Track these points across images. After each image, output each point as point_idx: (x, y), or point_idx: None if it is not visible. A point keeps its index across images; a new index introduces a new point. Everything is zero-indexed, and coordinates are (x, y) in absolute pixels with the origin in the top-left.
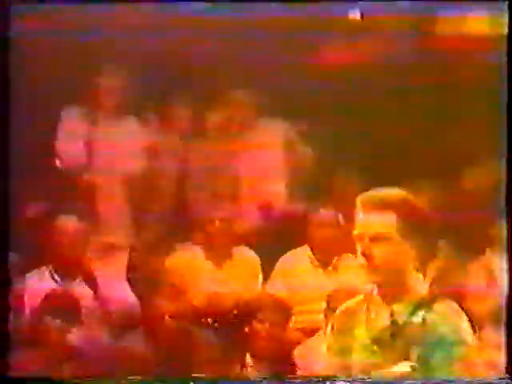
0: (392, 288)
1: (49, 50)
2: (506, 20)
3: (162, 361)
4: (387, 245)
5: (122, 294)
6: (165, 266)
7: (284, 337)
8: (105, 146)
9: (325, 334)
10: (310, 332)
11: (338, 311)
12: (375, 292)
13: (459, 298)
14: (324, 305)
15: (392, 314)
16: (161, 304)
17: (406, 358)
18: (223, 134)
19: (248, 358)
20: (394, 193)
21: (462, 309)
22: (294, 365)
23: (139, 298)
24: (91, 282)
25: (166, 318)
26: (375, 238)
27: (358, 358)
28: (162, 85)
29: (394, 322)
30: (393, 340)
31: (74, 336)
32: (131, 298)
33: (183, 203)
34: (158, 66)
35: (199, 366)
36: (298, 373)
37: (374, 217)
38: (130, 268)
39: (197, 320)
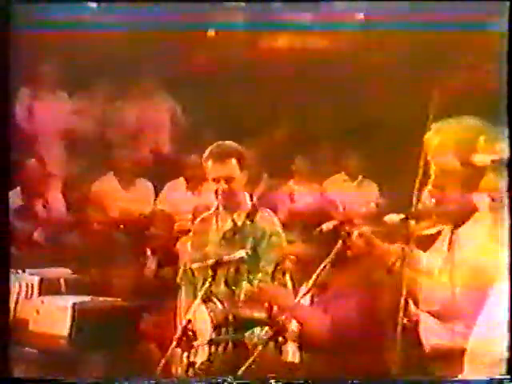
0: (232, 204)
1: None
2: (506, 20)
3: (91, 250)
4: (232, 179)
5: (63, 208)
6: (91, 189)
7: (170, 236)
8: (48, 111)
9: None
10: (185, 233)
11: (197, 220)
12: (221, 206)
13: (273, 208)
14: (191, 216)
15: (233, 220)
16: (91, 215)
17: (243, 247)
18: (130, 102)
19: (148, 252)
20: (233, 144)
21: (276, 214)
22: (177, 255)
23: (76, 211)
24: (45, 200)
25: (95, 224)
26: (225, 175)
27: (212, 250)
28: (87, 71)
29: (234, 225)
30: (234, 236)
31: (36, 234)
32: (70, 210)
33: (105, 149)
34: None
35: (116, 257)
36: (180, 261)
37: (222, 161)
38: (67, 190)
39: (114, 226)
